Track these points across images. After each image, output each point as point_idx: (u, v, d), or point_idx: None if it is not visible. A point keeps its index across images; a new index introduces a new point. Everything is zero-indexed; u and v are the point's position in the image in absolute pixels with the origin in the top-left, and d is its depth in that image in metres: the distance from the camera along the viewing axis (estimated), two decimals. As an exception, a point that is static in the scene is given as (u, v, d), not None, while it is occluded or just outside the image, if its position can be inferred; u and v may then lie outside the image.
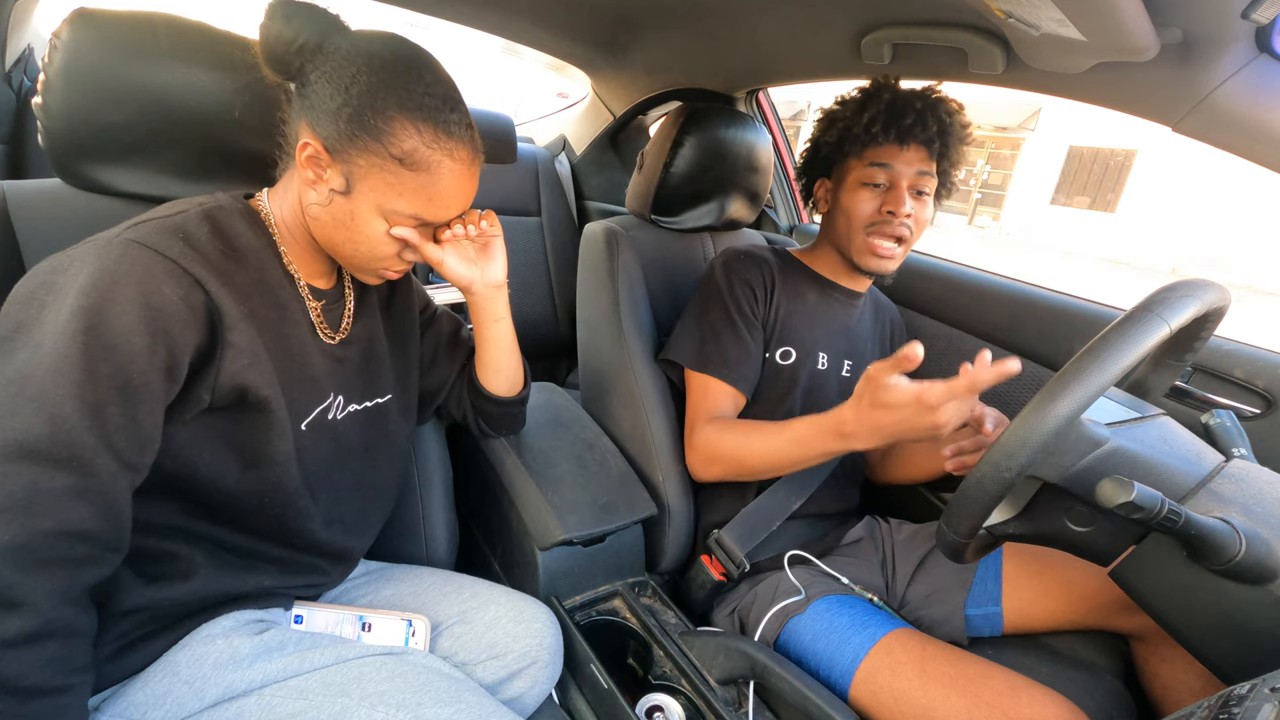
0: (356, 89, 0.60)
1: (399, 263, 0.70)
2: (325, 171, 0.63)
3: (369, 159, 0.62)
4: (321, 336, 0.71)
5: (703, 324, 1.03)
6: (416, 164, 0.62)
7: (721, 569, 0.99)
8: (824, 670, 0.86)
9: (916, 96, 0.95)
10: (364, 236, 0.65)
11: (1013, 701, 0.72)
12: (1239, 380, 0.97)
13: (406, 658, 0.66)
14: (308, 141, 0.62)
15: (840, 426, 0.78)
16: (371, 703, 0.59)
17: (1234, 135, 0.80)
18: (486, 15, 1.53)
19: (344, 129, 0.61)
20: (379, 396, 0.79)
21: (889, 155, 0.96)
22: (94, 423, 0.51)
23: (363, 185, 0.63)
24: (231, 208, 0.65)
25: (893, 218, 0.96)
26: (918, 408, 0.70)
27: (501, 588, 0.84)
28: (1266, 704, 0.43)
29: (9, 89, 1.39)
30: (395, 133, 0.61)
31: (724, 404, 1.00)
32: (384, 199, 0.63)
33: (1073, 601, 0.91)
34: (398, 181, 0.63)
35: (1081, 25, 0.70)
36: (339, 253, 0.68)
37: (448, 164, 0.64)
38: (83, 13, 0.68)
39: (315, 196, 0.65)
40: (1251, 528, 0.55)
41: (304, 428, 0.69)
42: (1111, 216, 12.21)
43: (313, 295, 0.71)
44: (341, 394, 0.73)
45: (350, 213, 0.64)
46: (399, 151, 0.61)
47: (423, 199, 0.64)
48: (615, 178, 2.02)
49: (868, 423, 0.75)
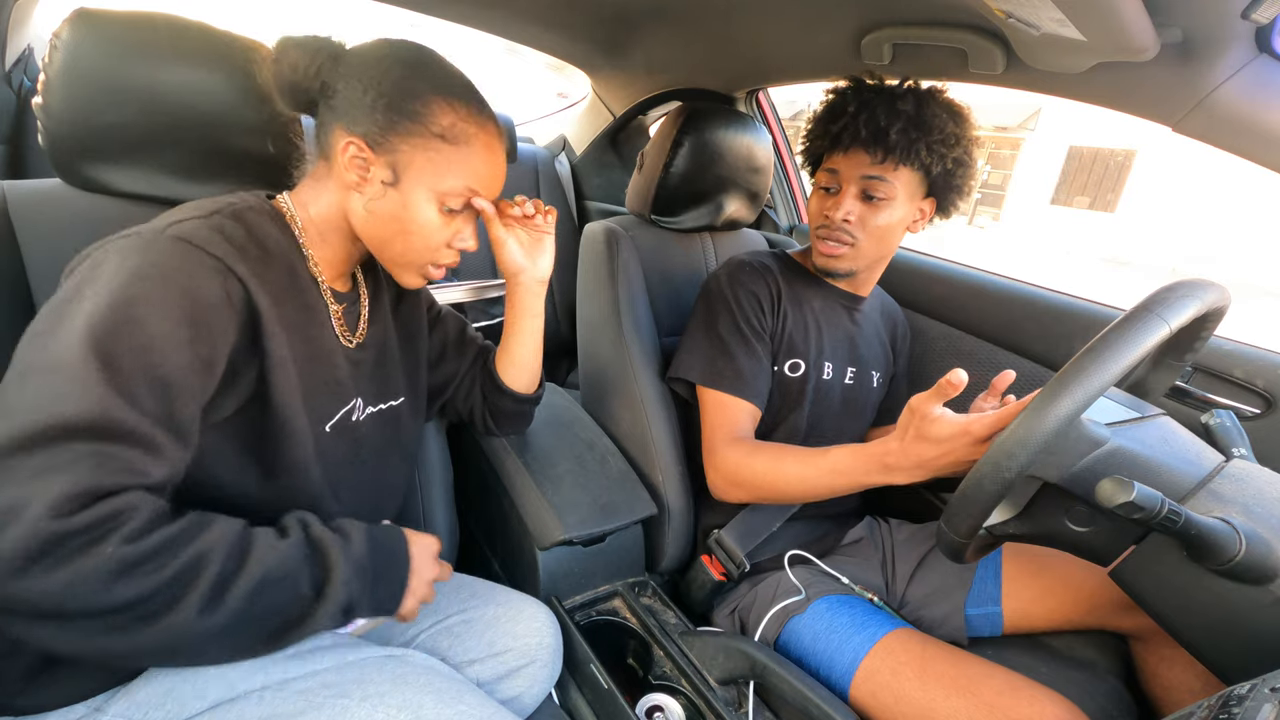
0: (389, 81, 0.62)
1: (450, 254, 0.71)
2: (370, 168, 0.64)
3: (412, 143, 0.63)
4: (342, 340, 0.71)
5: (711, 338, 1.00)
6: (458, 138, 0.65)
7: (721, 569, 0.99)
8: (824, 670, 0.86)
9: (856, 98, 0.92)
10: (418, 225, 0.66)
11: (1012, 701, 0.72)
12: (1239, 380, 0.97)
13: (408, 659, 0.66)
14: (350, 141, 0.63)
15: (884, 459, 0.75)
16: (373, 704, 0.59)
17: (1234, 135, 0.80)
18: (486, 15, 1.53)
19: (382, 120, 0.62)
20: (393, 399, 0.79)
21: (835, 160, 0.96)
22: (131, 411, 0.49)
23: (410, 171, 0.64)
24: (260, 208, 0.65)
25: (829, 220, 0.95)
26: (965, 440, 0.68)
27: (501, 587, 0.84)
28: (1266, 704, 0.43)
29: (9, 89, 1.38)
30: (433, 112, 0.63)
31: (743, 421, 0.96)
32: (433, 179, 0.65)
33: (1073, 601, 0.91)
34: (442, 159, 0.65)
35: (1081, 25, 0.70)
36: (390, 250, 0.69)
37: (484, 138, 0.67)
38: (83, 13, 0.68)
39: (363, 197, 0.66)
40: (1251, 528, 0.55)
41: (328, 430, 0.69)
42: (1111, 216, 12.22)
43: (334, 298, 0.71)
44: (361, 396, 0.74)
45: (402, 203, 0.65)
46: (439, 129, 0.64)
47: (470, 171, 0.66)
48: (615, 178, 2.02)
49: (913, 456, 0.71)
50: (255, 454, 0.63)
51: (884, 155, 0.91)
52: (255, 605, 0.52)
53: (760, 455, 0.91)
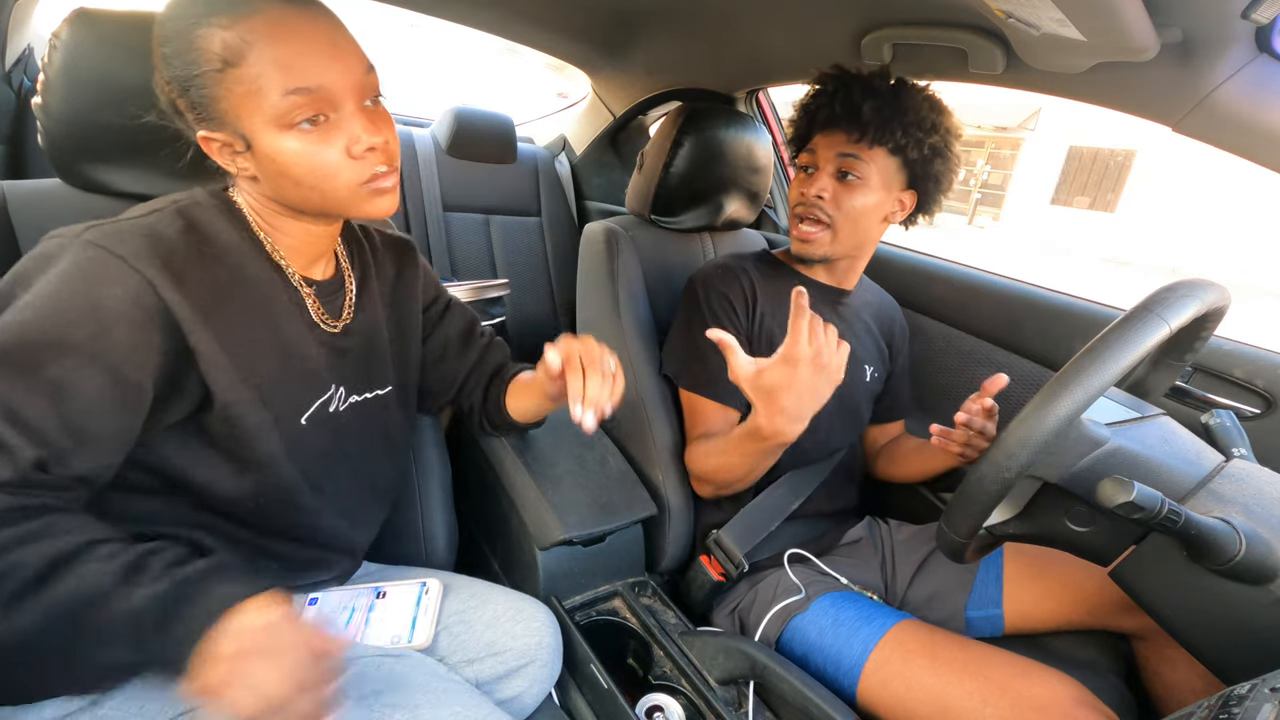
0: (165, 71, 0.57)
1: (364, 164, 0.59)
2: (222, 148, 0.59)
3: (218, 94, 0.55)
4: (323, 326, 0.70)
5: (687, 343, 1.03)
6: (238, 51, 0.54)
7: (720, 569, 0.99)
8: (832, 664, 0.86)
9: (835, 82, 0.96)
10: (293, 163, 0.57)
11: (1025, 683, 0.73)
12: (1239, 380, 0.97)
13: (404, 659, 0.66)
14: (202, 136, 0.58)
15: (758, 431, 0.80)
16: (369, 703, 0.59)
17: (1234, 135, 0.80)
18: (486, 15, 1.54)
19: (191, 99, 0.56)
20: (379, 388, 0.78)
21: (813, 142, 0.99)
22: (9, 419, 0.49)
23: (241, 119, 0.56)
24: (209, 204, 0.63)
25: (804, 197, 0.98)
26: (791, 371, 0.73)
27: (500, 587, 0.84)
28: (1266, 704, 0.43)
29: (9, 89, 1.38)
30: (199, 50, 0.54)
31: (713, 422, 1.00)
32: (263, 110, 0.55)
33: (1073, 602, 0.91)
34: (247, 83, 0.54)
35: (1081, 25, 0.70)
36: (314, 202, 0.61)
37: (263, 28, 0.54)
38: (83, 13, 0.68)
39: (241, 168, 0.60)
40: (1251, 528, 0.55)
41: (304, 422, 0.68)
42: (1111, 216, 12.22)
43: (307, 285, 0.69)
44: (343, 385, 0.72)
45: (266, 154, 0.57)
46: (216, 60, 0.54)
47: (279, 74, 0.54)
48: (615, 178, 2.02)
49: (772, 412, 0.76)
50: (222, 451, 0.63)
51: (859, 134, 0.94)
52: (53, 625, 0.46)
53: (700, 447, 0.99)
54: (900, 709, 0.79)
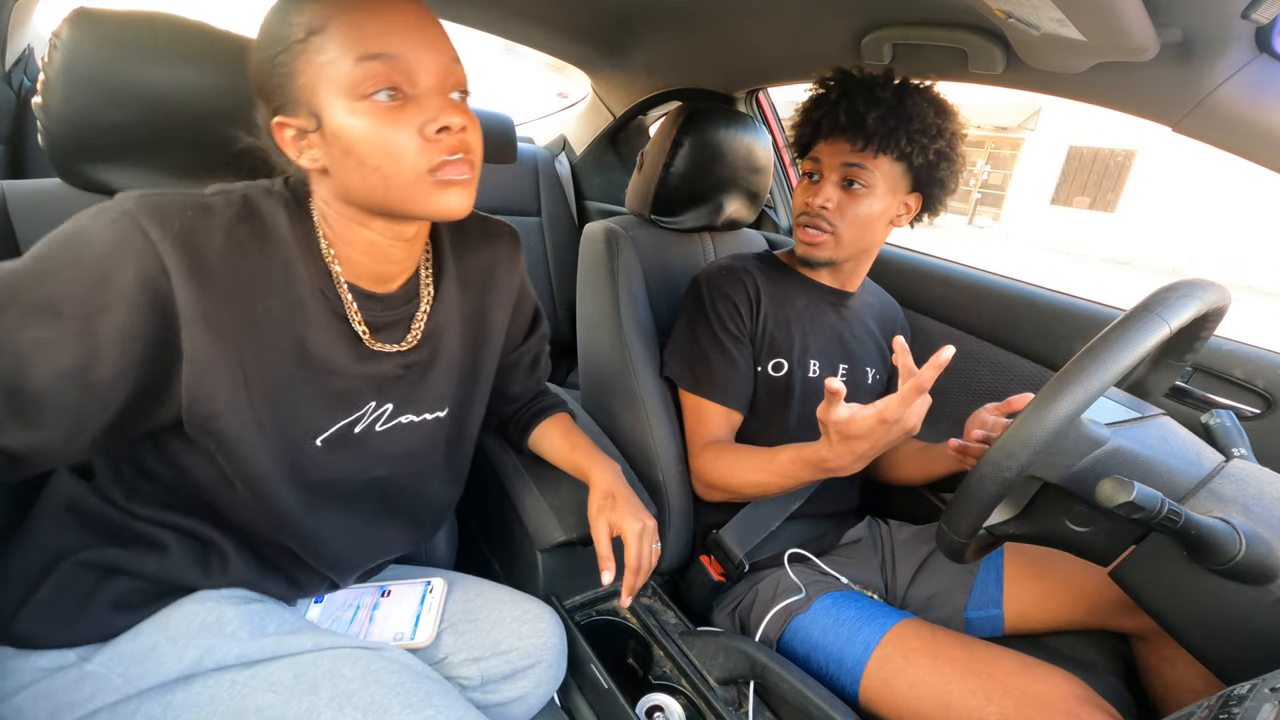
0: (255, 56, 0.57)
1: (434, 149, 0.55)
2: (295, 136, 0.56)
3: (298, 66, 0.53)
4: (366, 342, 0.64)
5: (690, 344, 1.02)
6: (325, 16, 0.52)
7: (721, 569, 0.99)
8: (834, 663, 0.86)
9: (838, 87, 0.95)
10: (360, 141, 0.54)
11: (1027, 680, 0.73)
12: (1239, 380, 0.97)
13: (382, 654, 0.63)
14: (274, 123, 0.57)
15: (821, 463, 0.79)
16: (340, 704, 0.57)
17: (1234, 135, 0.80)
18: (486, 15, 1.53)
19: (273, 80, 0.55)
20: (435, 410, 0.72)
21: (817, 150, 0.98)
22: None
23: (316, 95, 0.53)
24: (280, 194, 0.60)
25: (809, 207, 0.97)
26: (882, 426, 0.71)
27: (506, 588, 0.84)
28: (1266, 704, 0.43)
29: (9, 89, 1.38)
30: (290, 24, 0.53)
31: (718, 426, 1.00)
32: (337, 80, 0.53)
33: (1073, 602, 0.91)
34: (328, 50, 0.52)
35: (1081, 25, 0.70)
36: (377, 188, 0.56)
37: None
38: (83, 13, 0.68)
39: (312, 154, 0.56)
40: (1251, 528, 0.55)
41: (319, 443, 0.63)
42: (1111, 216, 12.22)
43: (363, 296, 0.64)
44: (390, 403, 0.68)
45: (337, 131, 0.54)
46: (302, 31, 0.52)
47: (361, 35, 0.52)
48: (615, 178, 2.02)
49: (844, 453, 0.75)
50: (216, 463, 0.60)
51: (864, 143, 0.93)
52: None
53: (723, 460, 0.96)
54: (903, 707, 0.79)
